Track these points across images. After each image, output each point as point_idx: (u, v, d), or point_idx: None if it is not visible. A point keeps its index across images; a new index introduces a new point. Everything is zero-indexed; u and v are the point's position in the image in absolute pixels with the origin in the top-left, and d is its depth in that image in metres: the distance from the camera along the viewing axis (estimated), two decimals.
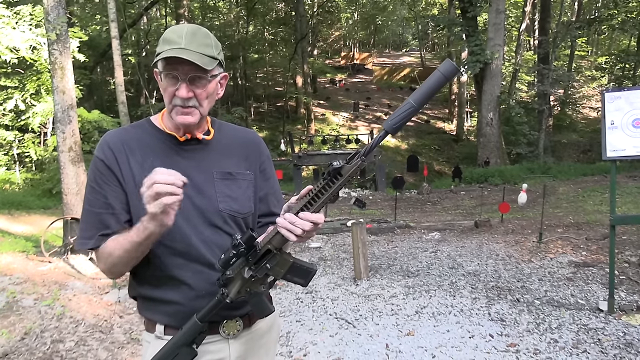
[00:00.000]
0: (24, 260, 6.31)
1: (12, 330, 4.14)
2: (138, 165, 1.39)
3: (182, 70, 1.32)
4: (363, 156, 1.13)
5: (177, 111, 1.37)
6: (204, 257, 1.39)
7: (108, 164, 1.37)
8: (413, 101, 1.09)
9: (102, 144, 1.41)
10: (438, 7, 35.99)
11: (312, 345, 3.97)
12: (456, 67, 1.07)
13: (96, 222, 1.37)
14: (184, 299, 1.39)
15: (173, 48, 1.30)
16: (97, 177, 1.38)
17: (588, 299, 4.72)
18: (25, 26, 12.22)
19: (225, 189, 1.44)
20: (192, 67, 1.32)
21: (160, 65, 1.34)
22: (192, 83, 1.34)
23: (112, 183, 1.37)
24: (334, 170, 1.14)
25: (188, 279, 1.39)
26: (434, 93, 1.11)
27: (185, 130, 1.43)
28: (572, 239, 6.76)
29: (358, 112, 28.24)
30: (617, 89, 4.62)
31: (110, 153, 1.38)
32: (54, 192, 12.63)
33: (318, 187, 1.17)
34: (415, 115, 1.22)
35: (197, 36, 1.34)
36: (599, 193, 11.70)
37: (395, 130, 1.09)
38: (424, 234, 8.12)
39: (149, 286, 1.43)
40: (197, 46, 1.32)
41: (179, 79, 1.33)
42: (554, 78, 19.06)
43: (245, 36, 27.31)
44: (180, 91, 1.33)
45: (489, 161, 17.48)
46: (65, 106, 6.77)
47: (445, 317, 4.45)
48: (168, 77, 1.34)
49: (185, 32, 1.33)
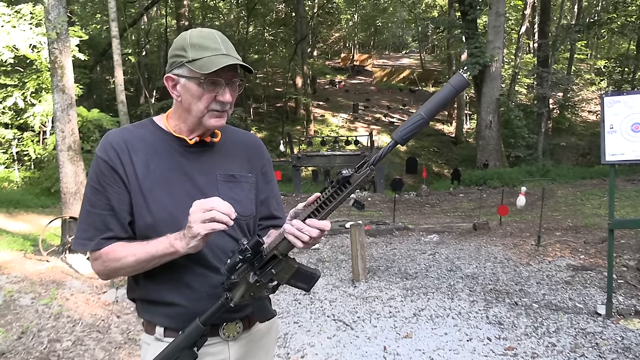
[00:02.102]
0: (22, 258, 6.30)
1: (9, 329, 4.13)
2: (142, 165, 1.38)
3: (225, 75, 1.35)
4: (372, 165, 1.14)
5: (211, 115, 1.38)
6: (206, 259, 1.39)
7: (111, 164, 1.36)
8: (423, 113, 1.10)
9: (104, 143, 1.39)
10: (438, 9, 36.03)
11: (310, 347, 3.96)
12: (466, 80, 1.08)
13: (98, 224, 1.36)
14: (185, 301, 1.39)
15: (217, 55, 1.33)
16: (99, 177, 1.37)
17: (586, 302, 4.72)
18: (25, 25, 12.22)
19: (228, 191, 1.44)
20: (234, 72, 1.37)
21: (196, 72, 1.33)
22: (230, 87, 1.38)
23: (115, 185, 1.36)
24: (343, 179, 1.14)
25: (190, 281, 1.39)
26: (445, 105, 1.13)
27: (206, 133, 1.44)
28: (571, 242, 6.76)
29: (357, 114, 28.24)
30: (617, 93, 4.62)
31: (113, 153, 1.37)
32: (52, 191, 12.62)
33: (326, 195, 1.18)
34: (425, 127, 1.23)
35: (228, 43, 1.39)
36: (598, 196, 11.71)
37: (404, 140, 1.10)
38: (422, 236, 8.12)
39: (149, 288, 1.42)
40: (233, 52, 1.37)
41: (222, 84, 1.35)
42: (554, 81, 19.07)
43: (245, 37, 27.30)
44: (225, 96, 1.36)
45: (487, 163, 17.49)
46: (64, 105, 6.76)
47: (443, 320, 4.45)
48: (209, 82, 1.34)
49: (219, 38, 1.37)
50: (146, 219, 1.35)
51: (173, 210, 1.35)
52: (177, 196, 1.34)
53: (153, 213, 1.34)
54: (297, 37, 25.86)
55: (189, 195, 1.34)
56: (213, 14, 29.70)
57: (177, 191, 1.35)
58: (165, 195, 1.36)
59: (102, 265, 1.37)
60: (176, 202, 1.35)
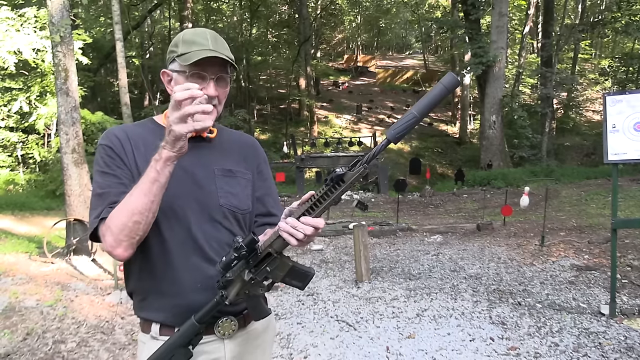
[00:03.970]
0: (27, 261, 6.34)
1: (14, 330, 4.16)
2: (143, 160, 1.38)
3: (211, 70, 1.39)
4: (365, 163, 1.15)
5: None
6: (203, 250, 1.41)
7: (117, 150, 1.40)
8: (416, 112, 1.11)
9: (107, 134, 1.44)
10: (441, 9, 35.98)
11: (313, 348, 3.97)
12: (457, 79, 1.10)
13: (108, 199, 1.33)
14: (180, 292, 1.40)
15: (203, 49, 1.37)
16: (106, 161, 1.38)
17: (590, 302, 4.71)
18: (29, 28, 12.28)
19: (225, 185, 1.48)
20: (220, 68, 1.41)
21: (185, 65, 1.38)
22: (217, 83, 1.41)
23: (123, 167, 1.39)
24: (337, 177, 1.15)
25: (185, 271, 1.40)
26: (436, 104, 1.14)
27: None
28: (575, 242, 6.75)
29: (361, 115, 28.22)
30: (619, 92, 4.61)
31: (117, 141, 1.41)
32: (57, 194, 12.66)
33: (320, 193, 1.19)
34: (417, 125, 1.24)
35: (219, 40, 1.43)
36: (602, 196, 11.67)
37: (397, 139, 1.12)
38: (425, 237, 8.11)
39: (144, 278, 1.43)
40: (222, 49, 1.41)
41: (207, 78, 1.39)
42: (557, 81, 19.03)
43: (248, 38, 27.35)
44: (209, 90, 1.39)
45: (491, 164, 17.45)
46: (69, 108, 6.80)
47: (446, 320, 4.45)
48: (195, 76, 1.38)
49: (209, 35, 1.41)
50: None
51: (171, 202, 1.37)
52: (176, 188, 1.35)
53: None
54: (301, 38, 25.88)
55: (187, 188, 1.38)
56: (216, 16, 29.73)
57: (175, 184, 1.36)
58: None
59: (111, 234, 1.28)
60: (174, 194, 1.37)
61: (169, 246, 1.39)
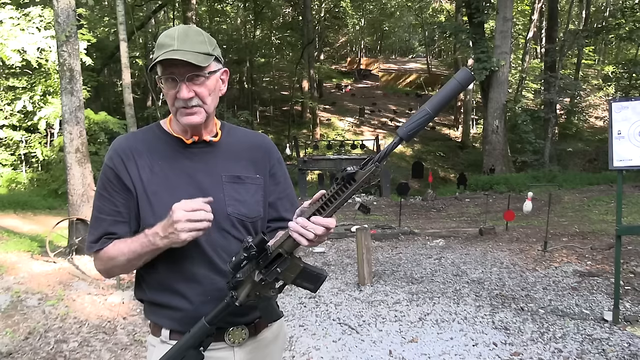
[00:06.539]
0: (29, 260, 6.34)
1: (16, 329, 4.16)
2: (147, 168, 1.40)
3: (179, 71, 1.33)
4: (377, 162, 1.13)
5: (181, 113, 1.37)
6: (211, 261, 1.39)
7: (117, 172, 1.40)
8: (429, 108, 1.09)
9: (110, 151, 1.44)
10: (445, 14, 36.00)
11: (315, 350, 3.96)
12: (472, 74, 1.07)
13: (104, 227, 1.40)
14: (191, 304, 1.39)
15: (167, 51, 1.31)
16: (106, 184, 1.41)
17: (593, 309, 4.69)
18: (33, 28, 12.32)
19: (233, 192, 1.44)
20: (189, 67, 1.32)
21: (159, 70, 1.36)
22: (191, 82, 1.35)
23: (122, 191, 1.39)
24: (348, 176, 1.13)
25: (195, 283, 1.39)
26: (450, 100, 1.12)
27: (193, 132, 1.43)
28: (577, 248, 6.73)
29: (363, 118, 28.24)
30: (625, 98, 4.61)
31: (119, 160, 1.40)
32: (59, 193, 12.67)
33: (331, 192, 1.17)
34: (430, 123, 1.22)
35: (189, 35, 1.35)
36: (605, 202, 11.65)
37: (409, 137, 1.09)
38: (428, 241, 8.10)
39: (155, 290, 1.43)
40: (191, 45, 1.33)
41: (178, 80, 1.34)
42: (561, 86, 19.00)
43: (252, 40, 27.39)
44: (181, 92, 1.34)
45: (494, 169, 17.43)
46: (73, 107, 6.81)
47: (448, 325, 4.44)
48: (167, 80, 1.35)
49: (177, 33, 1.34)
50: (150, 221, 1.35)
51: None
52: (179, 198, 1.32)
53: (156, 215, 1.35)
54: (304, 41, 25.91)
55: (191, 197, 1.32)
56: (220, 17, 29.80)
57: (179, 193, 1.35)
58: (168, 197, 1.35)
59: (101, 265, 1.43)
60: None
61: (177, 258, 1.37)
